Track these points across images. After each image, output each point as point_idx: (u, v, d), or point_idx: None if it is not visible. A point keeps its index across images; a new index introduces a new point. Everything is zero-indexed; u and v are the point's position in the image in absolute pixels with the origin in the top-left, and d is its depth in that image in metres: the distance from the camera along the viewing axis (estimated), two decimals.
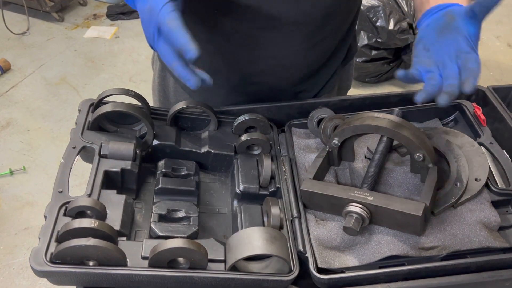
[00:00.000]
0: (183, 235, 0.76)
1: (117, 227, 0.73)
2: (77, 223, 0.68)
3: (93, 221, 0.68)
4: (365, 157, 0.93)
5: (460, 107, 1.00)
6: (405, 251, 0.76)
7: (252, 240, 0.72)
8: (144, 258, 0.70)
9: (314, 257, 0.76)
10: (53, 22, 3.63)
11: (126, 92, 0.89)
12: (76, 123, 0.88)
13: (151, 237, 0.77)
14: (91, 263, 0.68)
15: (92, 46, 3.41)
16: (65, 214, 0.73)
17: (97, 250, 0.65)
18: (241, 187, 0.86)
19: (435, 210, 0.81)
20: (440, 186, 0.84)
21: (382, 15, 2.73)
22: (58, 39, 3.47)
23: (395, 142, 0.91)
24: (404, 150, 0.92)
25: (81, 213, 0.74)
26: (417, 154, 0.81)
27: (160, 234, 0.76)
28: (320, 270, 0.75)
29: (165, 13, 0.69)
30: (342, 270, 0.76)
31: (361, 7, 1.57)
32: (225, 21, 0.93)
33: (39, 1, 3.45)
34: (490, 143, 0.93)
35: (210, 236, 0.80)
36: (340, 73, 1.18)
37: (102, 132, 0.88)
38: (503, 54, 3.29)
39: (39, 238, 0.69)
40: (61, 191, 0.76)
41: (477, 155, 0.89)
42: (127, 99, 0.87)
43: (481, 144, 0.92)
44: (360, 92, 2.71)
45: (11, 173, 2.46)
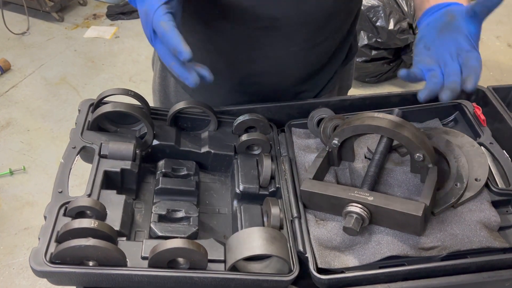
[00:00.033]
0: (183, 235, 0.76)
1: (117, 227, 0.73)
2: (77, 223, 0.68)
3: (93, 221, 0.68)
4: (365, 157, 0.93)
5: (460, 107, 1.00)
6: (405, 251, 0.76)
7: (252, 240, 0.72)
8: (144, 258, 0.70)
9: (314, 257, 0.76)
10: (53, 22, 3.63)
11: (126, 92, 0.89)
12: (76, 123, 0.88)
13: (151, 237, 0.77)
14: (91, 263, 0.68)
15: (92, 46, 3.41)
16: (65, 214, 0.73)
17: (97, 250, 0.65)
18: (241, 187, 0.86)
19: (435, 210, 0.80)
20: (440, 186, 0.84)
21: (382, 15, 2.73)
22: (58, 39, 3.47)
23: (395, 142, 0.91)
24: (404, 150, 0.92)
25: (81, 213, 0.74)
26: (417, 154, 0.81)
27: (160, 234, 0.76)
28: (320, 270, 0.75)
29: (158, 16, 0.70)
30: (342, 270, 0.76)
31: (361, 7, 1.56)
32: (226, 22, 0.93)
33: (39, 1, 3.45)
34: (490, 143, 0.92)
35: (210, 236, 0.80)
36: (340, 73, 1.17)
37: (102, 132, 0.88)
38: (503, 54, 3.29)
39: (39, 238, 0.69)
40: (61, 191, 0.76)
41: (477, 155, 0.89)
42: (127, 99, 0.87)
43: (481, 144, 0.92)
44: (360, 92, 2.71)
45: (11, 173, 2.46)
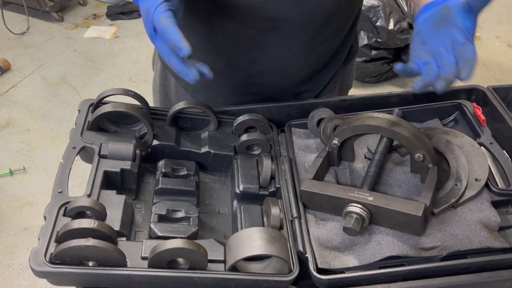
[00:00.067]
0: (183, 236, 0.76)
1: (116, 228, 0.73)
2: (77, 223, 0.68)
3: (92, 222, 0.68)
4: (365, 157, 0.93)
5: (460, 107, 1.00)
6: (405, 251, 0.76)
7: (252, 240, 0.72)
8: (143, 258, 0.70)
9: (314, 257, 0.76)
10: (53, 22, 3.63)
11: (126, 92, 0.89)
12: (75, 123, 0.87)
13: (150, 237, 0.77)
14: (90, 264, 0.68)
15: (92, 46, 3.41)
16: (64, 215, 0.73)
17: (97, 250, 0.65)
18: (241, 187, 0.86)
19: (435, 210, 0.80)
20: (440, 186, 0.84)
21: (382, 15, 2.73)
22: (58, 39, 3.47)
23: (395, 142, 0.91)
24: (404, 150, 0.92)
25: (80, 213, 0.74)
26: (417, 154, 0.81)
27: (160, 234, 0.76)
28: (320, 271, 0.75)
29: (159, 13, 0.71)
30: (342, 271, 0.76)
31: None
32: (227, 22, 0.93)
33: (39, 1, 3.45)
34: (490, 143, 0.92)
35: (210, 236, 0.80)
36: (341, 73, 1.18)
37: (102, 132, 0.88)
38: (503, 54, 3.29)
39: (39, 239, 0.69)
40: (61, 192, 0.76)
41: (477, 155, 0.89)
42: (127, 99, 0.87)
43: (481, 144, 0.92)
44: (360, 92, 2.71)
45: (11, 173, 2.46)
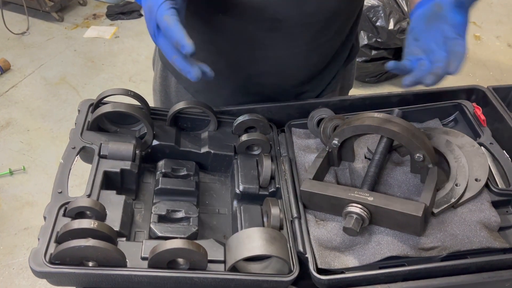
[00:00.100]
0: (183, 236, 0.76)
1: (116, 228, 0.73)
2: (77, 223, 0.68)
3: (92, 222, 0.68)
4: (365, 157, 0.93)
5: (460, 107, 1.00)
6: (405, 251, 0.76)
7: (252, 240, 0.71)
8: (143, 258, 0.70)
9: (314, 257, 0.76)
10: (53, 22, 3.63)
11: (126, 92, 0.89)
12: (75, 123, 0.87)
13: (150, 237, 0.77)
14: (90, 264, 0.68)
15: (92, 46, 3.41)
16: (64, 215, 0.73)
17: (97, 250, 0.65)
18: (241, 187, 0.86)
19: (435, 210, 0.80)
20: (440, 186, 0.84)
21: (382, 15, 2.73)
22: (58, 39, 3.47)
23: (395, 142, 0.91)
24: (404, 150, 0.91)
25: (80, 213, 0.74)
26: (417, 154, 0.81)
27: (160, 234, 0.76)
28: (320, 271, 0.75)
29: (163, 10, 0.71)
30: (342, 271, 0.76)
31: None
32: (229, 23, 0.93)
33: (39, 1, 3.45)
34: (490, 143, 0.92)
35: (210, 236, 0.80)
36: (342, 73, 1.18)
37: (102, 132, 0.88)
38: (503, 54, 3.29)
39: (39, 239, 0.69)
40: (61, 192, 0.76)
41: (477, 155, 0.89)
42: (126, 99, 0.87)
43: (481, 144, 0.92)
44: (360, 92, 2.71)
45: (11, 173, 2.46)
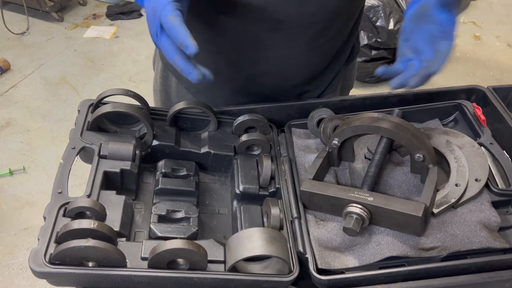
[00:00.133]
0: (183, 236, 0.76)
1: (116, 228, 0.73)
2: (77, 224, 0.68)
3: (92, 222, 0.68)
4: (365, 158, 0.93)
5: (460, 107, 1.00)
6: (405, 251, 0.76)
7: (252, 240, 0.71)
8: (143, 259, 0.70)
9: (314, 257, 0.76)
10: (53, 22, 3.63)
11: (126, 92, 0.89)
12: (75, 123, 0.87)
13: (150, 238, 0.77)
14: (90, 264, 0.68)
15: (92, 46, 3.41)
16: (64, 215, 0.73)
17: (97, 251, 0.65)
18: (241, 187, 0.86)
19: (435, 210, 0.80)
20: (440, 186, 0.84)
21: (382, 15, 2.73)
22: (57, 39, 3.47)
23: (395, 143, 0.91)
24: (404, 150, 0.91)
25: (80, 214, 0.73)
26: (417, 154, 0.81)
27: (160, 235, 0.76)
28: (320, 271, 0.75)
29: (168, 11, 0.72)
30: (342, 271, 0.76)
31: None
32: (229, 23, 0.93)
33: (38, 1, 3.45)
34: (490, 143, 0.92)
35: (210, 236, 0.80)
36: (343, 73, 1.18)
37: (102, 132, 0.88)
38: (503, 54, 3.29)
39: (38, 239, 0.69)
40: (61, 192, 0.76)
41: (477, 155, 0.89)
42: (126, 99, 0.87)
43: (481, 144, 0.92)
44: (360, 92, 2.71)
45: (11, 173, 2.46)
